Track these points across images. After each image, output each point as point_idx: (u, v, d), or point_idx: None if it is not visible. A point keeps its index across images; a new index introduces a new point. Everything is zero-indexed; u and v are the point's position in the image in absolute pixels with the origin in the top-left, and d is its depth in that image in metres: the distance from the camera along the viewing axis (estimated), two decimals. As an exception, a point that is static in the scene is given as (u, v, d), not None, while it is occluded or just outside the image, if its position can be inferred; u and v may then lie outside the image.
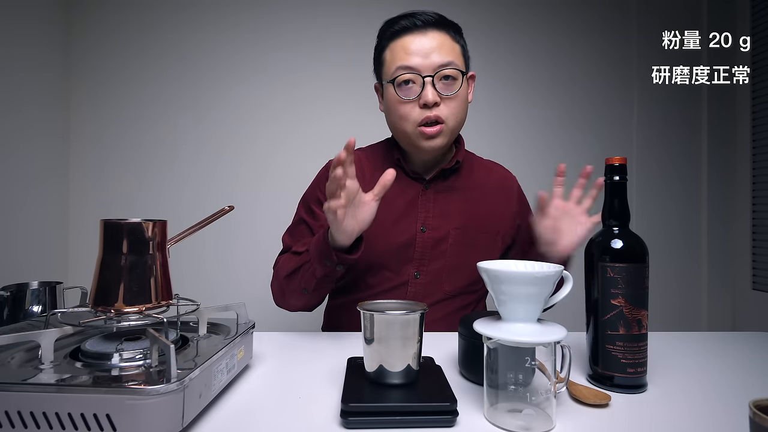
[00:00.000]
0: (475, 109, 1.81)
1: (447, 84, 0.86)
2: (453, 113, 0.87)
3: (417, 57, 0.85)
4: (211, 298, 0.73)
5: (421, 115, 0.85)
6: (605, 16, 1.82)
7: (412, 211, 0.93)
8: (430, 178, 0.94)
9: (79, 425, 0.41)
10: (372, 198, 0.75)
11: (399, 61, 0.86)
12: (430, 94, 0.84)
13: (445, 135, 0.88)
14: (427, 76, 0.84)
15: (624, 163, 0.62)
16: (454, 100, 0.87)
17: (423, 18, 0.87)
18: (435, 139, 0.87)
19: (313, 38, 1.74)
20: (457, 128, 0.90)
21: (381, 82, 0.93)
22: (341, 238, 0.75)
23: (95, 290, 0.56)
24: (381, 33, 0.92)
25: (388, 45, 0.90)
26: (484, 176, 1.00)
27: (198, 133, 1.72)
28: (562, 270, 0.52)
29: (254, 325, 0.67)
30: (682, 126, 1.82)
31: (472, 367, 0.61)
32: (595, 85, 1.81)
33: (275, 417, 0.51)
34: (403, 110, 0.87)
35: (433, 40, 0.86)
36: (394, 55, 0.88)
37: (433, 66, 0.85)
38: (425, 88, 0.84)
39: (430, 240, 0.92)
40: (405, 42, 0.87)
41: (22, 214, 1.46)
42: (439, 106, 0.86)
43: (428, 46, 0.85)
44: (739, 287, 1.79)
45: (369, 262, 0.90)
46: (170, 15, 1.71)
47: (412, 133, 0.88)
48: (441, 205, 0.94)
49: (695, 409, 0.54)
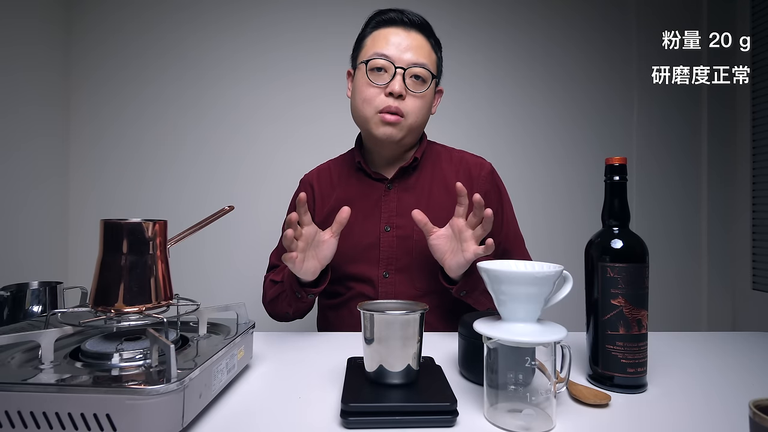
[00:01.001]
0: (475, 108, 1.83)
1: (416, 83, 0.90)
2: (414, 111, 0.90)
3: (394, 48, 0.89)
4: (211, 298, 0.73)
5: (384, 103, 0.89)
6: (605, 16, 1.82)
7: (375, 211, 0.95)
8: (391, 177, 0.96)
9: (79, 425, 0.41)
10: (330, 235, 0.81)
11: (377, 48, 0.90)
12: (397, 84, 0.88)
13: (402, 129, 0.91)
14: (399, 68, 0.88)
15: (624, 163, 0.62)
16: (419, 99, 0.91)
17: (410, 17, 0.91)
18: (391, 128, 0.89)
19: (313, 38, 1.74)
20: (415, 127, 0.93)
21: (354, 67, 0.97)
22: (305, 276, 0.82)
23: (95, 290, 0.56)
24: (368, 20, 0.96)
25: (372, 33, 0.94)
26: (451, 169, 0.99)
27: (198, 133, 1.72)
28: (563, 270, 0.52)
29: (254, 325, 0.67)
30: (682, 126, 1.82)
31: (472, 367, 0.61)
32: (595, 85, 1.81)
33: (275, 417, 0.51)
34: (369, 93, 0.90)
35: (414, 41, 0.90)
36: (374, 41, 0.92)
37: (406, 61, 0.89)
38: (395, 78, 0.88)
39: (395, 239, 0.93)
40: (387, 33, 0.91)
41: (22, 214, 1.46)
42: (404, 100, 0.89)
43: (407, 44, 0.90)
44: (739, 287, 1.79)
45: (338, 265, 0.92)
46: (170, 14, 1.71)
47: (372, 119, 0.90)
48: (404, 204, 0.95)
49: (695, 409, 0.54)
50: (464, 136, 1.10)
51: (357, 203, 0.95)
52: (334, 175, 1.03)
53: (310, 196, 1.02)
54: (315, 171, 1.07)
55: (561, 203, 1.79)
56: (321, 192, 1.01)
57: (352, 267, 0.94)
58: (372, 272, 0.93)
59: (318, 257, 0.81)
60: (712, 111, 1.81)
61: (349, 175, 1.01)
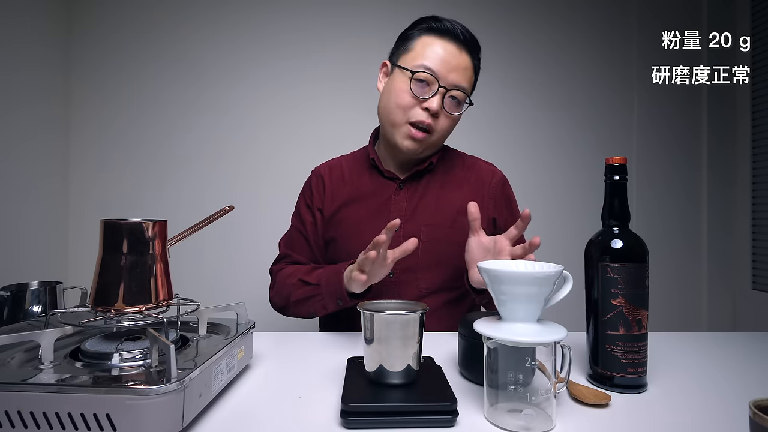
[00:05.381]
0: (475, 109, 1.81)
1: (452, 103, 0.90)
2: (443, 130, 0.91)
3: (443, 65, 0.87)
4: (211, 298, 0.73)
5: (418, 116, 0.88)
6: (605, 16, 1.82)
7: (384, 210, 0.95)
8: (404, 178, 0.96)
9: (79, 425, 0.41)
10: (390, 260, 0.79)
11: (426, 60, 0.87)
12: (435, 102, 0.87)
13: (426, 145, 0.91)
14: (442, 87, 0.87)
15: (624, 163, 0.62)
16: (449, 120, 0.91)
17: (466, 36, 0.89)
18: (417, 144, 0.90)
19: (313, 38, 1.74)
20: (437, 144, 0.94)
21: (395, 64, 0.93)
22: (356, 288, 0.79)
23: (95, 290, 0.56)
24: (422, 21, 0.92)
25: (424, 35, 0.90)
26: (463, 174, 1.00)
27: (198, 133, 1.72)
28: (563, 270, 0.52)
29: (254, 325, 0.67)
30: (682, 126, 1.82)
31: (472, 367, 0.61)
32: (595, 85, 1.81)
33: (275, 417, 0.51)
34: (406, 101, 0.89)
35: (463, 61, 0.89)
36: (425, 48, 0.88)
37: (451, 82, 0.87)
38: (436, 95, 0.87)
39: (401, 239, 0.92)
40: (442, 45, 0.88)
41: (22, 214, 1.46)
42: (437, 119, 0.89)
43: (456, 63, 0.88)
44: (739, 287, 1.79)
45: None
46: (170, 15, 1.71)
47: (401, 128, 0.90)
48: (414, 204, 0.95)
49: (695, 409, 0.54)
50: (464, 137, 1.10)
51: (368, 200, 0.96)
52: (346, 171, 1.02)
53: (320, 188, 1.01)
54: (327, 165, 1.06)
55: (561, 203, 1.79)
56: (332, 186, 1.01)
57: None
58: None
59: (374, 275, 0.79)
60: (712, 111, 1.81)
61: (361, 172, 1.01)
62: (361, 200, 0.96)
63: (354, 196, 0.97)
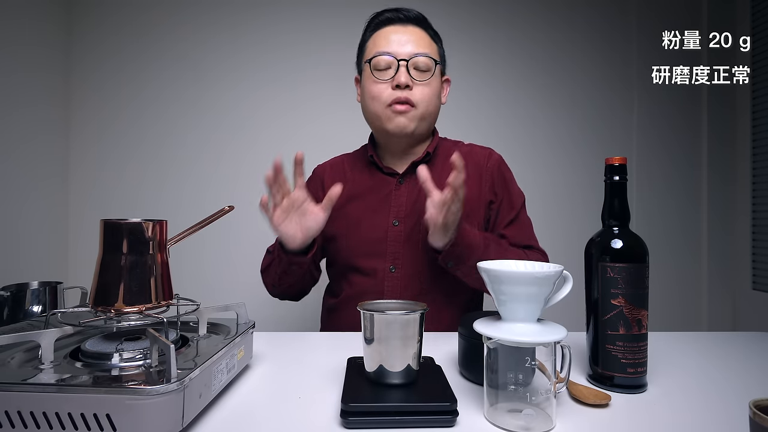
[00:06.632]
0: (476, 108, 1.83)
1: (420, 72, 0.92)
2: (423, 99, 0.92)
3: (395, 44, 0.92)
4: (211, 298, 0.73)
5: (392, 96, 0.91)
6: (605, 16, 1.82)
7: (384, 206, 0.96)
8: (403, 172, 0.97)
9: (79, 425, 0.41)
10: (320, 209, 0.83)
11: (378, 47, 0.93)
12: (402, 76, 0.90)
13: (414, 119, 0.92)
14: (402, 60, 0.90)
15: (624, 163, 0.62)
16: (426, 87, 0.92)
17: (405, 14, 0.94)
18: (403, 118, 0.91)
19: (313, 39, 1.74)
20: (426, 115, 0.94)
21: (360, 71, 0.99)
22: (286, 241, 0.84)
23: (95, 290, 0.56)
24: (367, 25, 0.99)
25: (371, 35, 0.96)
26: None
27: (198, 133, 1.72)
28: (563, 270, 0.52)
29: (254, 325, 0.67)
30: (682, 126, 1.82)
31: (472, 367, 0.61)
32: (595, 85, 1.81)
33: (275, 417, 0.51)
34: (376, 89, 0.92)
35: (412, 34, 0.93)
36: (375, 42, 0.95)
37: (408, 53, 0.91)
38: (399, 70, 0.90)
39: (402, 234, 0.94)
40: (386, 32, 0.94)
41: (22, 214, 1.46)
42: (411, 90, 0.91)
43: (406, 38, 0.92)
44: (739, 287, 1.79)
45: (345, 259, 0.95)
46: (170, 15, 1.71)
47: (383, 113, 0.92)
48: (414, 198, 0.95)
49: (695, 409, 0.54)
50: (464, 137, 1.10)
51: (368, 197, 0.97)
52: (347, 169, 1.04)
53: (319, 185, 1.03)
54: (328, 163, 1.09)
55: (561, 203, 1.79)
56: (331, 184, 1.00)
57: (359, 260, 0.94)
58: (379, 266, 0.93)
59: (301, 225, 0.83)
60: (712, 111, 1.81)
61: (361, 170, 1.02)
62: (361, 197, 0.98)
63: (354, 193, 0.98)
